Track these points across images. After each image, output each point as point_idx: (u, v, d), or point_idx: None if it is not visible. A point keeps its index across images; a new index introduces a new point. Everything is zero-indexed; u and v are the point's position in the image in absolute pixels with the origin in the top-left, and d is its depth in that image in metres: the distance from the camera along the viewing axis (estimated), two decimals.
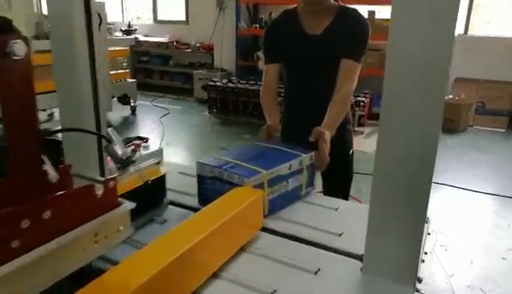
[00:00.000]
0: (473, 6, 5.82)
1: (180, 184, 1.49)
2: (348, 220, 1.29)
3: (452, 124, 5.45)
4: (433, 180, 3.18)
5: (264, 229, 1.19)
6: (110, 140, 1.16)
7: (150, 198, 1.21)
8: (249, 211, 1.11)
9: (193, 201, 1.37)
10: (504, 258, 2.60)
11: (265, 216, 1.26)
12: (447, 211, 3.25)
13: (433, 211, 3.23)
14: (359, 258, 1.06)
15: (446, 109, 5.58)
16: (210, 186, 1.30)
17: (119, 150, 1.16)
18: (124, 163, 1.16)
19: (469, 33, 5.96)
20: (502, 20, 6.08)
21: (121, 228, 0.80)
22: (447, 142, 5.09)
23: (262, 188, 1.24)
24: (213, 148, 4.72)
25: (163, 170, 1.28)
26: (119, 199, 0.82)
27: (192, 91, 7.10)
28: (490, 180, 3.91)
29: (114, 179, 0.80)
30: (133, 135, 4.95)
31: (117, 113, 5.98)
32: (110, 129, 1.17)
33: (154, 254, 0.91)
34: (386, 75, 0.88)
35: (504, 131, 5.49)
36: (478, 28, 5.97)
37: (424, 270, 2.46)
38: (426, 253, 1.26)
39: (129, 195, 1.11)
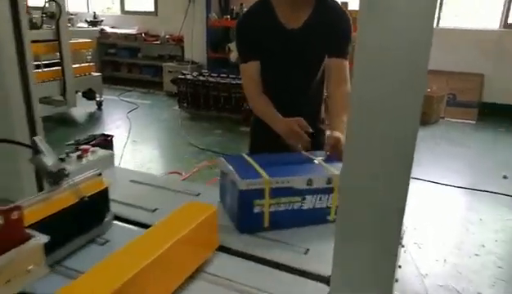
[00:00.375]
0: None
1: (130, 195, 1.33)
2: (316, 232, 1.17)
3: (424, 116, 5.44)
4: None
5: (221, 248, 1.06)
6: (37, 150, 0.99)
7: (89, 216, 1.05)
8: (203, 229, 0.97)
9: (142, 215, 1.22)
10: (477, 254, 2.57)
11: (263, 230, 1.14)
12: (420, 205, 3.20)
13: (407, 207, 3.14)
14: (326, 281, 0.94)
15: None
16: (223, 182, 1.27)
17: (48, 162, 0.99)
18: (56, 177, 1.00)
19: (441, 25, 5.96)
20: (472, 12, 6.11)
21: (31, 267, 0.65)
22: (419, 134, 5.00)
23: (263, 196, 1.11)
24: (182, 144, 4.54)
25: (105, 182, 1.11)
26: (29, 231, 0.67)
27: (162, 84, 6.86)
28: (462, 173, 3.91)
29: (18, 208, 0.64)
30: (99, 132, 4.71)
31: (82, 108, 5.70)
32: (37, 137, 1.00)
33: (88, 287, 0.77)
34: (355, 73, 0.75)
35: (474, 122, 5.54)
36: (449, 21, 5.98)
37: (398, 271, 2.38)
38: (400, 267, 1.16)
39: (61, 215, 0.96)
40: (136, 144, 4.56)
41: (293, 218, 1.16)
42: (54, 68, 4.95)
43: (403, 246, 1.15)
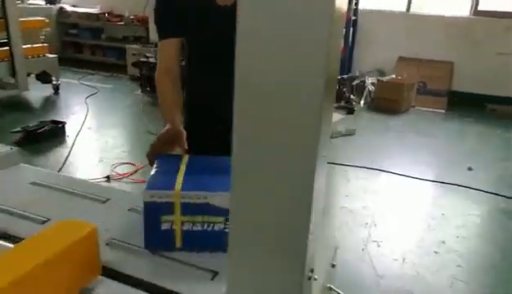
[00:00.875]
0: None
1: (21, 202, 1.11)
2: None
3: (395, 104, 5.34)
4: (374, 166, 2.90)
5: (110, 273, 0.86)
6: None
7: None
8: (76, 252, 0.77)
9: (27, 228, 1.00)
10: (436, 252, 2.46)
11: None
12: (383, 200, 3.09)
13: (369, 201, 2.98)
14: None
15: (389, 88, 5.50)
16: None
17: None
18: None
19: (412, 11, 5.83)
20: None
21: None
22: (390, 124, 4.98)
23: (172, 211, 0.90)
24: (142, 132, 4.28)
25: None
26: None
27: (126, 67, 6.52)
28: (429, 164, 3.81)
29: None
30: (53, 118, 4.39)
31: (37, 92, 5.33)
32: None
33: None
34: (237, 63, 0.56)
35: (443, 111, 5.47)
36: (420, 7, 5.85)
37: (354, 271, 2.24)
38: (331, 288, 0.99)
39: None
40: (91, 131, 4.28)
41: (214, 240, 0.93)
42: (2, 48, 4.58)
43: (334, 265, 0.97)
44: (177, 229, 0.93)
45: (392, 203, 3.07)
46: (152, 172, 1.00)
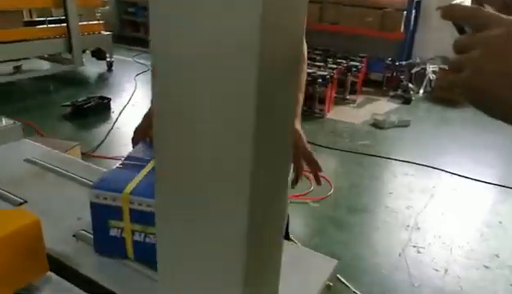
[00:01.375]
0: None
1: (6, 179, 1.05)
2: None
3: (457, 96, 4.85)
4: (425, 162, 2.58)
5: (65, 272, 0.76)
6: None
7: None
8: (14, 246, 0.68)
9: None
10: (486, 266, 2.16)
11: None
12: (432, 201, 2.78)
13: (415, 200, 2.69)
14: None
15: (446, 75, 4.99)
16: None
17: None
18: None
19: None
20: None
21: None
22: (449, 116, 4.53)
23: (121, 217, 0.78)
24: None
25: None
26: None
27: None
28: (490, 164, 3.39)
29: None
30: (104, 93, 4.51)
31: (92, 68, 5.52)
32: None
33: None
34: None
35: None
36: None
37: (386, 278, 2.02)
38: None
39: None
40: (135, 108, 4.33)
41: None
42: (60, 24, 4.75)
43: (330, 286, 0.80)
44: (127, 237, 0.79)
45: (440, 206, 2.75)
46: (114, 166, 0.87)
